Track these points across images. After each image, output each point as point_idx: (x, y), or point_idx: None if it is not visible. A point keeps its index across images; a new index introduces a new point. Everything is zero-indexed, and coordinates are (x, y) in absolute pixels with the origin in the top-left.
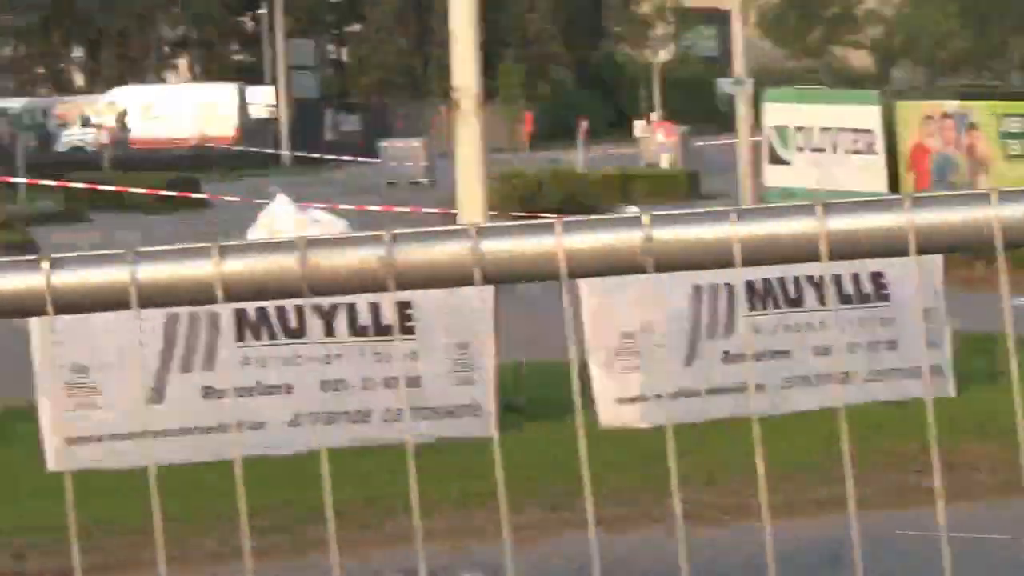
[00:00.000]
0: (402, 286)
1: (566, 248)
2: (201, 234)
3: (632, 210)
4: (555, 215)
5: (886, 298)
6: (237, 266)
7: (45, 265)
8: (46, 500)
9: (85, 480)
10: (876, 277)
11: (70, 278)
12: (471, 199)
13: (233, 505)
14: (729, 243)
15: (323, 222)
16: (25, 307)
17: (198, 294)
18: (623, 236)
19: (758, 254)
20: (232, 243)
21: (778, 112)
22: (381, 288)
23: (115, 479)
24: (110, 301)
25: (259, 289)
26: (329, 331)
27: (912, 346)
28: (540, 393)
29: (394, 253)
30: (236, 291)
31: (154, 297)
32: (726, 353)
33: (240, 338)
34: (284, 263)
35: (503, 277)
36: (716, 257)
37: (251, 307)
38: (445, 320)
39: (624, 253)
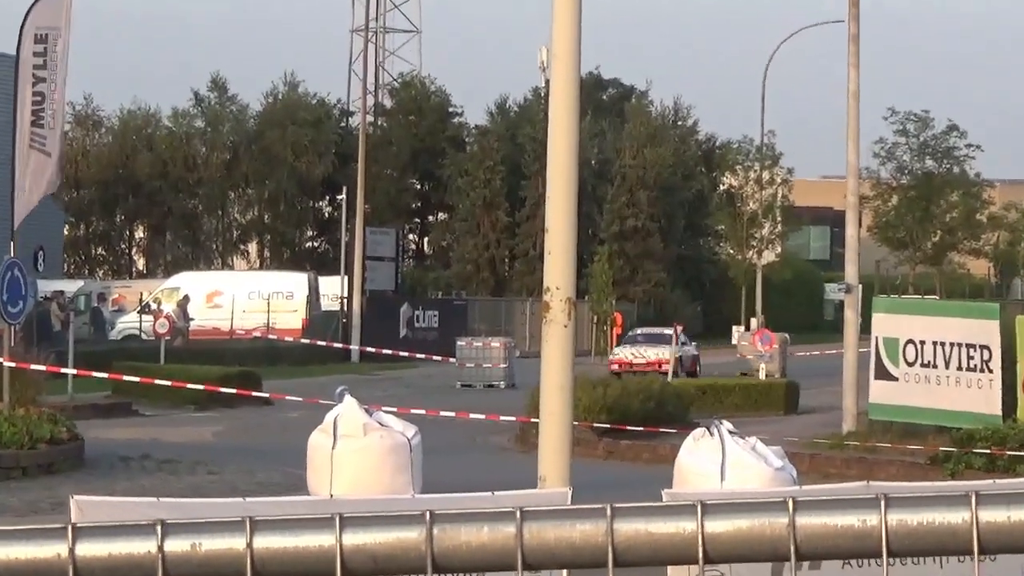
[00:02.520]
0: (530, 566)
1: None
2: (257, 434)
3: (726, 425)
4: (640, 427)
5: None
6: (358, 539)
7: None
8: None
9: None
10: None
11: (178, 546)
12: (555, 409)
13: None
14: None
15: (391, 427)
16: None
17: (316, 567)
18: (768, 520)
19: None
20: (354, 515)
21: (888, 322)
22: (508, 567)
23: None
24: (223, 573)
25: (380, 565)
26: None
27: None
28: None
29: (524, 531)
30: (356, 565)
31: (270, 569)
32: None
33: None
34: (407, 537)
35: (639, 560)
36: (863, 549)
37: None
38: None
39: (769, 539)
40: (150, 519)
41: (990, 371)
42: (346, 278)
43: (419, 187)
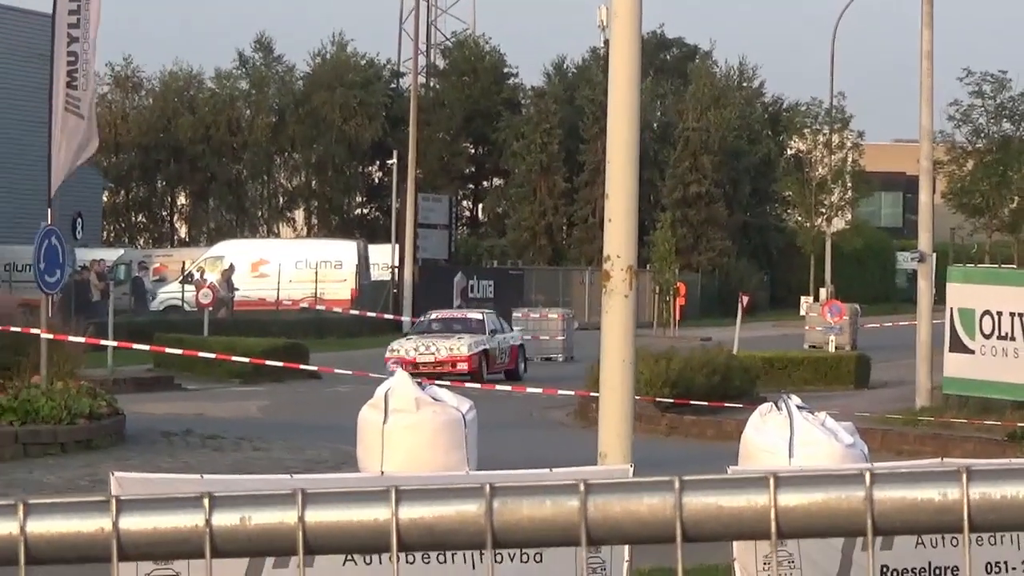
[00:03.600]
0: (595, 541)
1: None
2: (305, 409)
3: (794, 400)
4: (705, 401)
5: None
6: (414, 513)
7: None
8: None
9: None
10: None
11: (227, 520)
12: (617, 382)
13: None
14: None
15: (445, 402)
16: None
17: (370, 541)
18: (843, 494)
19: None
20: (410, 488)
21: (963, 292)
22: (573, 542)
23: None
24: (274, 547)
25: (438, 539)
26: None
27: None
28: None
29: (588, 505)
30: (412, 539)
31: (322, 544)
32: (884, 567)
33: None
34: (466, 511)
35: (709, 535)
36: (944, 524)
37: None
38: None
39: (844, 513)
40: (198, 492)
41: None
42: (397, 246)
43: (473, 151)
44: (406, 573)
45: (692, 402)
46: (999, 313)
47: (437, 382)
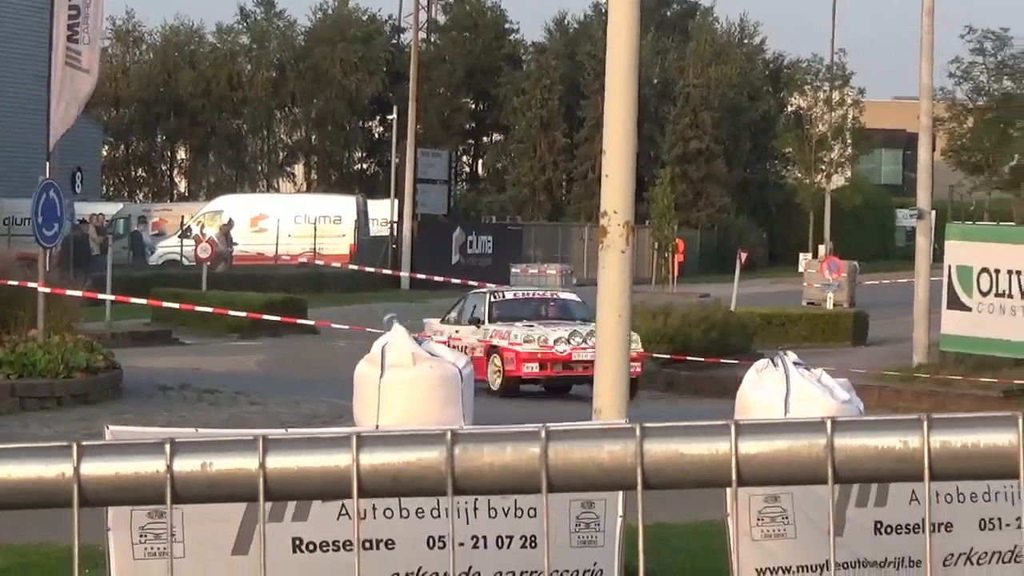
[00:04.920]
0: (555, 488)
1: (739, 454)
2: (302, 364)
3: (791, 356)
4: (702, 357)
5: None
6: (375, 460)
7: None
8: None
9: None
10: None
11: (188, 466)
12: (613, 337)
13: None
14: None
15: (441, 357)
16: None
17: (331, 488)
18: (804, 442)
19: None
20: (371, 434)
21: (961, 250)
22: (533, 489)
23: None
24: (234, 493)
25: (399, 486)
26: None
27: None
28: (671, 560)
29: (549, 451)
30: (372, 486)
31: (283, 490)
32: (878, 524)
33: None
34: (427, 457)
35: (670, 482)
36: (904, 472)
37: None
38: None
39: (805, 461)
40: (159, 438)
41: None
42: (396, 201)
43: (473, 107)
44: (404, 529)
45: (689, 358)
46: (997, 271)
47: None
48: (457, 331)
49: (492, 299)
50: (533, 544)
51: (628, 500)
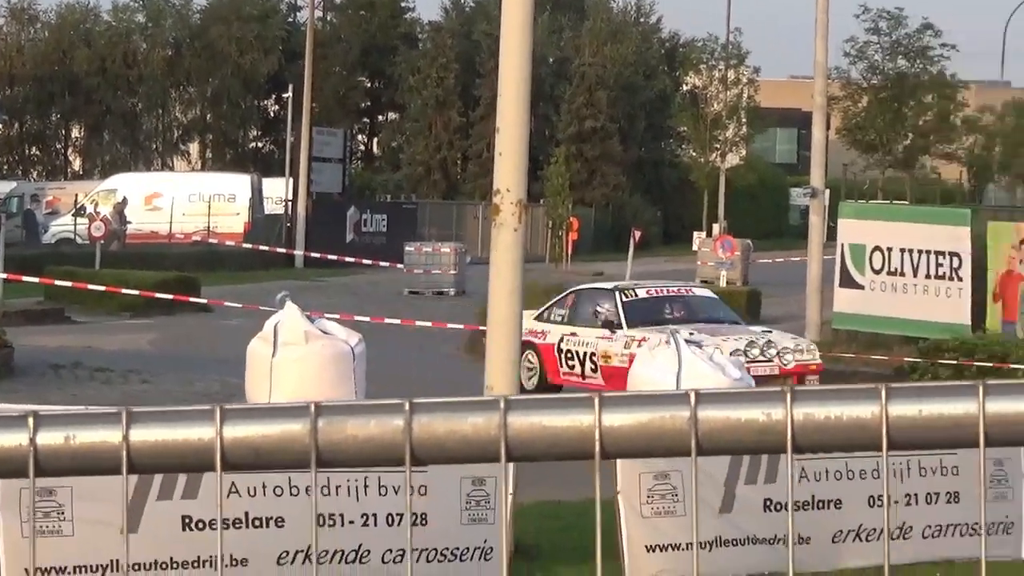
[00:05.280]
0: (420, 460)
1: (603, 426)
2: (195, 342)
3: (682, 335)
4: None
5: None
6: (239, 432)
7: (30, 423)
8: None
9: None
10: None
11: (51, 439)
12: (504, 315)
13: None
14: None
15: (334, 335)
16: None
17: (195, 460)
18: (668, 414)
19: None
20: (235, 407)
21: (854, 228)
22: (398, 462)
23: None
24: (98, 466)
25: (263, 458)
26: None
27: (979, 499)
28: (559, 538)
29: (413, 424)
30: (236, 458)
31: (146, 463)
32: (767, 501)
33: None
34: (290, 430)
35: (533, 454)
36: (767, 444)
37: None
38: None
39: (669, 432)
40: (23, 412)
41: (959, 279)
42: (291, 180)
43: (369, 86)
44: (293, 507)
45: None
46: (889, 249)
47: (328, 315)
48: (574, 333)
49: (623, 298)
50: (424, 522)
51: (520, 478)
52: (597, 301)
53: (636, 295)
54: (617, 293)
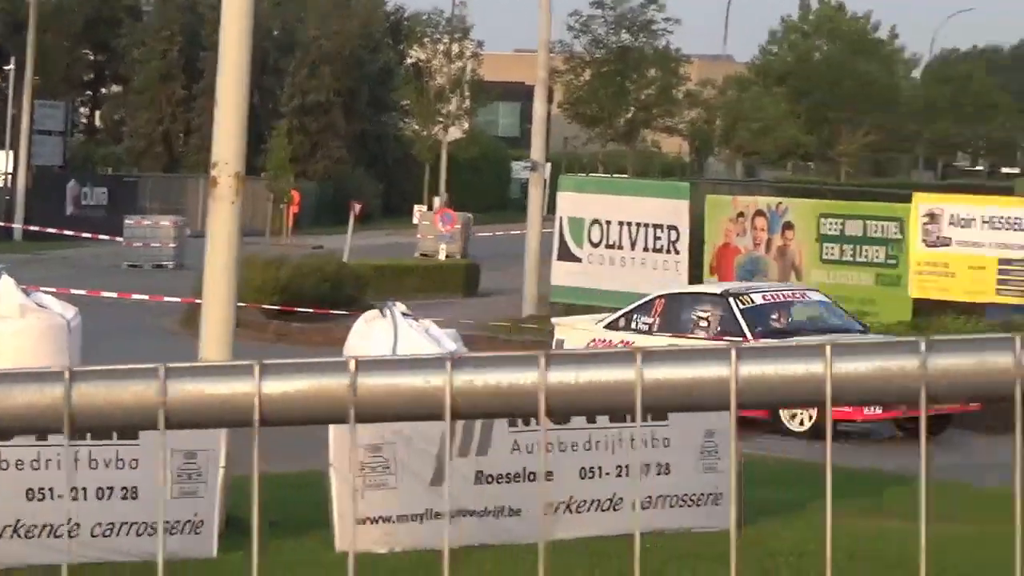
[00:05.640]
0: (174, 425)
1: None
2: None
3: (399, 307)
4: (314, 308)
5: (663, 415)
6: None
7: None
8: None
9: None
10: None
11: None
12: (219, 288)
13: None
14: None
15: (50, 309)
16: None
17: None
18: (422, 380)
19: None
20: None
21: (574, 202)
22: (152, 426)
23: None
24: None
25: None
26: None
27: (690, 471)
28: (276, 511)
29: (168, 390)
30: None
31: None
32: (479, 473)
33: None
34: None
35: (286, 419)
36: (520, 407)
37: None
38: None
39: (427, 400)
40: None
41: (677, 252)
42: (11, 153)
43: (93, 58)
44: (2, 481)
45: (300, 309)
46: (608, 222)
47: (44, 289)
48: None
49: (739, 305)
50: (135, 495)
51: (233, 449)
52: (700, 307)
53: (753, 301)
54: (731, 300)
